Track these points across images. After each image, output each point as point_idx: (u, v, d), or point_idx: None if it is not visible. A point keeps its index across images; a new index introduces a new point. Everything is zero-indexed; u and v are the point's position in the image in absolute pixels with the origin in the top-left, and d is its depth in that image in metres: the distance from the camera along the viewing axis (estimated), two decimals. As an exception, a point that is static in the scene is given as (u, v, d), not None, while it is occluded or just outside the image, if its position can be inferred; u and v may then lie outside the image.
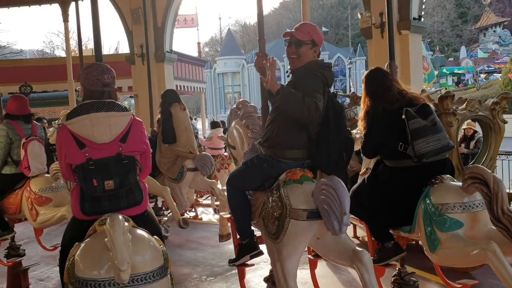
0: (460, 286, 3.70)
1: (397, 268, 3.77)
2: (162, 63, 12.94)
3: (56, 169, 4.55)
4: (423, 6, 10.40)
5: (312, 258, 3.82)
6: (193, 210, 8.03)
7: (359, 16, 10.43)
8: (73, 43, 20.80)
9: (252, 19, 71.84)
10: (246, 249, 3.30)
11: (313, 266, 3.94)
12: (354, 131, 4.17)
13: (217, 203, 8.19)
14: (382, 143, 3.52)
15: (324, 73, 3.01)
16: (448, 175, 3.30)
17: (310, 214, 2.73)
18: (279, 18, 68.67)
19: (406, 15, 9.68)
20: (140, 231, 2.51)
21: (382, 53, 9.01)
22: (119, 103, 2.78)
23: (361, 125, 3.63)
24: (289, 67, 3.22)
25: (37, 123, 5.12)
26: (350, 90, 50.41)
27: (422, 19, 10.45)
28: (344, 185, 2.65)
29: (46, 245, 5.23)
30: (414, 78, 9.41)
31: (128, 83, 14.07)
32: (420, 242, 3.68)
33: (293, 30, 3.17)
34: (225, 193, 3.62)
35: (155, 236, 2.55)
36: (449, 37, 56.82)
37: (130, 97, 20.28)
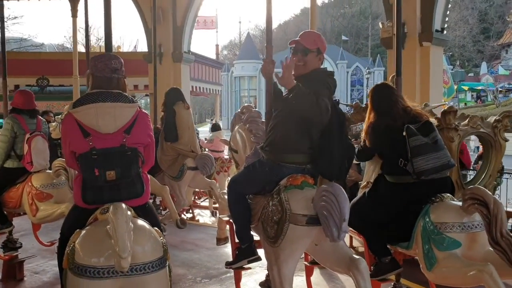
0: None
1: (392, 283, 3.80)
2: (179, 63, 12.82)
3: (59, 166, 4.57)
4: (446, 19, 10.14)
5: (308, 264, 3.84)
6: (190, 211, 8.04)
7: (380, 25, 10.17)
8: (93, 38, 20.77)
9: (273, 24, 72.03)
10: (245, 253, 3.31)
11: (309, 273, 3.97)
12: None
13: (215, 205, 8.24)
14: (383, 158, 3.57)
15: (328, 80, 3.05)
16: (448, 194, 3.33)
17: (309, 219, 2.75)
18: (300, 25, 68.20)
19: (428, 27, 9.41)
20: (141, 222, 2.53)
21: (402, 64, 9.18)
22: (127, 94, 2.78)
23: (363, 138, 3.68)
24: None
25: (42, 118, 5.15)
26: (367, 100, 51.25)
27: (445, 32, 10.21)
28: (345, 192, 2.69)
29: (43, 239, 5.26)
30: (433, 91, 9.28)
31: (144, 81, 13.93)
32: (416, 257, 3.70)
33: (299, 38, 3.22)
34: (225, 197, 3.65)
35: (155, 228, 2.57)
36: (470, 52, 56.04)
37: (146, 95, 20.08)
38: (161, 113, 6.51)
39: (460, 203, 3.14)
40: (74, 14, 9.46)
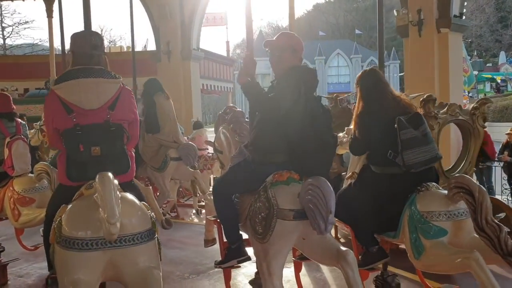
0: (441, 290, 3.83)
1: (379, 272, 3.85)
2: (188, 61, 12.50)
3: (41, 169, 4.49)
4: (465, 3, 9.67)
5: (297, 260, 3.86)
6: (174, 210, 7.99)
7: (395, 13, 9.80)
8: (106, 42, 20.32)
9: (284, 22, 70.22)
10: (234, 253, 3.32)
11: (297, 268, 3.98)
12: (340, 135, 4.23)
13: (200, 203, 8.21)
14: (371, 148, 3.58)
15: (305, 77, 3.06)
16: (433, 183, 3.39)
17: (296, 214, 2.77)
18: (312, 20, 67.67)
19: (446, 13, 8.95)
20: (129, 194, 2.52)
21: (419, 52, 8.81)
22: (109, 70, 2.75)
23: (353, 126, 3.67)
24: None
25: (21, 121, 5.05)
26: None
27: (464, 17, 9.71)
28: (329, 185, 2.71)
29: (26, 243, 5.19)
30: (453, 80, 8.92)
31: None
32: (401, 245, 3.76)
33: (273, 39, 3.26)
34: (211, 197, 3.64)
35: (143, 202, 2.57)
36: (488, 41, 54.40)
37: None
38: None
39: (445, 192, 3.20)
40: (50, 15, 9.22)
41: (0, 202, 4.69)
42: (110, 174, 2.31)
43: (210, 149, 7.75)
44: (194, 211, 8.25)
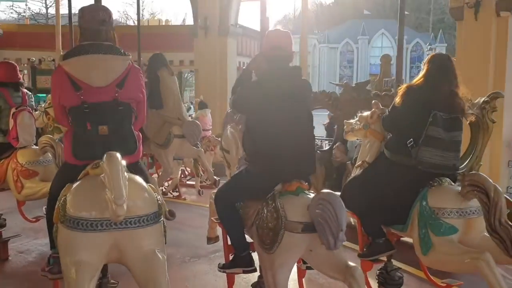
0: (444, 285, 3.80)
1: (383, 263, 3.82)
2: (225, 37, 11.97)
3: (45, 143, 4.42)
4: None
5: (302, 268, 3.64)
6: (177, 190, 7.97)
7: None
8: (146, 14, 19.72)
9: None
10: (241, 262, 3.22)
11: (301, 275, 3.80)
12: (352, 121, 4.17)
13: (202, 184, 8.18)
14: (398, 126, 3.47)
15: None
16: (447, 178, 3.31)
17: (305, 227, 2.70)
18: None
19: None
20: (135, 176, 2.48)
21: (475, 37, 8.06)
22: (118, 47, 2.68)
23: (399, 95, 3.50)
24: None
25: (27, 91, 4.97)
26: None
27: None
28: (341, 201, 2.62)
29: (28, 215, 5.14)
30: (511, 69, 8.05)
31: (190, 57, 13.22)
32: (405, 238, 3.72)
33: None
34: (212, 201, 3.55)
35: (149, 184, 2.53)
36: None
37: (191, 71, 19.26)
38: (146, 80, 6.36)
39: (458, 188, 3.14)
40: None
41: (3, 173, 4.65)
42: (118, 154, 2.25)
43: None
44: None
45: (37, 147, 4.56)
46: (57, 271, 2.55)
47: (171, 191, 7.94)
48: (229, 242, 3.28)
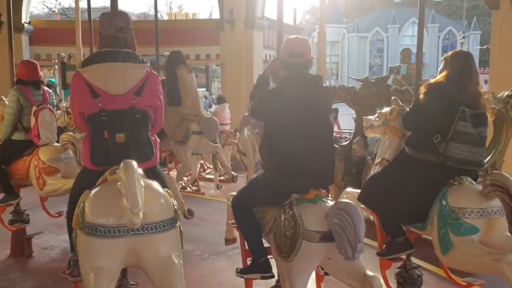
0: (465, 284, 3.75)
1: (402, 262, 3.78)
2: (251, 30, 11.87)
3: (67, 140, 4.50)
4: None
5: (321, 274, 3.57)
6: (195, 184, 8.02)
7: None
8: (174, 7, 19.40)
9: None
10: (259, 267, 3.19)
11: (319, 280, 3.74)
12: (372, 117, 4.13)
13: (221, 178, 8.21)
14: (422, 124, 3.41)
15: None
16: (467, 177, 3.25)
17: (323, 236, 2.67)
18: None
19: None
20: (152, 182, 2.51)
21: (511, 26, 7.71)
22: (137, 54, 2.70)
23: (421, 92, 3.46)
24: None
25: (48, 89, 5.05)
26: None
27: None
28: (359, 212, 2.58)
29: (51, 211, 5.25)
30: None
31: (216, 50, 13.08)
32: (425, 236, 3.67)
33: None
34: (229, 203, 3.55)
35: (166, 189, 2.55)
36: None
37: (217, 65, 19.00)
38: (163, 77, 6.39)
39: (479, 187, 3.09)
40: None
41: (25, 170, 4.72)
42: (134, 163, 2.28)
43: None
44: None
45: (59, 144, 4.66)
46: (77, 274, 2.58)
47: (190, 185, 8.00)
48: (247, 247, 3.27)
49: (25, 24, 13.36)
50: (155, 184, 2.50)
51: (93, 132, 2.54)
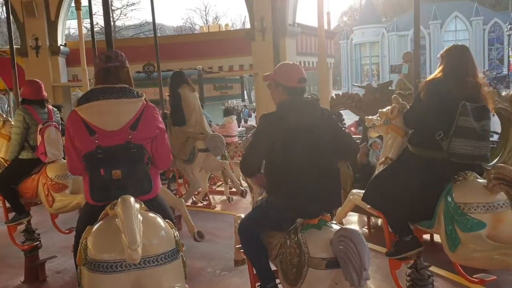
0: (477, 280, 3.68)
1: (412, 262, 3.72)
2: (283, 37, 11.63)
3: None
4: None
5: None
6: (206, 198, 8.00)
7: None
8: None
9: None
10: None
11: None
12: (374, 117, 4.12)
13: (232, 190, 8.18)
14: (423, 121, 3.40)
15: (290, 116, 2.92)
16: (472, 172, 3.22)
17: (329, 263, 2.65)
18: None
19: None
20: (151, 214, 2.53)
21: None
22: (132, 88, 2.72)
23: (421, 89, 3.49)
24: None
25: (53, 108, 5.12)
26: (508, 61, 43.92)
27: None
28: (363, 238, 2.55)
29: (61, 228, 5.25)
30: None
31: (250, 60, 12.92)
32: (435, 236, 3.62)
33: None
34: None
35: (167, 220, 2.56)
36: None
37: (250, 75, 18.99)
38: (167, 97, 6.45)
39: (484, 182, 3.05)
40: (78, 7, 9.18)
41: (34, 188, 4.77)
42: (131, 199, 2.32)
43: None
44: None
45: (65, 160, 4.70)
46: None
47: (201, 200, 7.99)
48: (254, 271, 3.25)
49: (61, 47, 13.45)
50: (155, 217, 2.51)
51: (90, 169, 2.57)
